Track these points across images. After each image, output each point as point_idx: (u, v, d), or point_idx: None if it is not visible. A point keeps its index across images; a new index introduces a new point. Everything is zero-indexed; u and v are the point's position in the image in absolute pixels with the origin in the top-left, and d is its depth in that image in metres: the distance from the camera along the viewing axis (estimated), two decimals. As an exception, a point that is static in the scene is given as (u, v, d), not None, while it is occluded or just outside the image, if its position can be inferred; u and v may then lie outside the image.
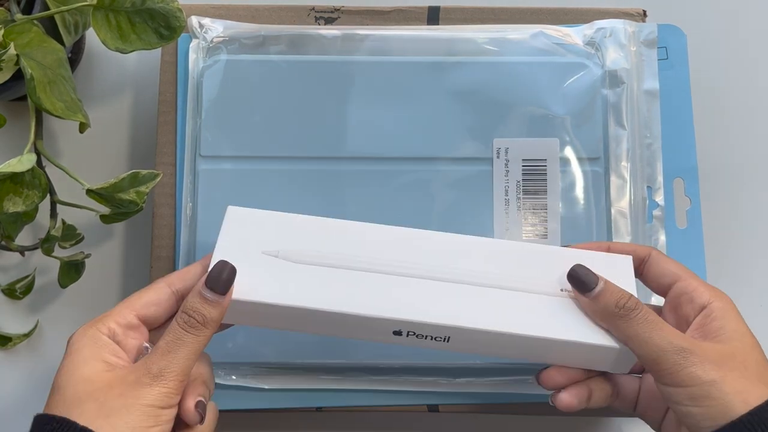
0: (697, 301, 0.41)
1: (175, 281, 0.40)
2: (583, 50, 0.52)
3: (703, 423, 0.37)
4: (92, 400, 0.35)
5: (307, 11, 0.54)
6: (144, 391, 0.36)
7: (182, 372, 0.37)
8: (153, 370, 0.36)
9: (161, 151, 0.52)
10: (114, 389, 0.36)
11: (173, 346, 0.37)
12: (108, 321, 0.38)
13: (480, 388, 0.50)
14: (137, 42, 0.45)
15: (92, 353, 0.37)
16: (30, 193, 0.44)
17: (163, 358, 0.36)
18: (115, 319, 0.38)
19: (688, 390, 0.38)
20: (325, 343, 0.49)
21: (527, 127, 0.51)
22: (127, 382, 0.36)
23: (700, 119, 0.55)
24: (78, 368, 0.36)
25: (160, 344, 0.37)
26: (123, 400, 0.35)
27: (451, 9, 0.54)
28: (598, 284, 0.40)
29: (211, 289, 0.38)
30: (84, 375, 0.36)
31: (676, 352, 0.38)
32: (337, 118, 0.51)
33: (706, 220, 0.53)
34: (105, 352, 0.37)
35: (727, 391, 0.37)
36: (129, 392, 0.36)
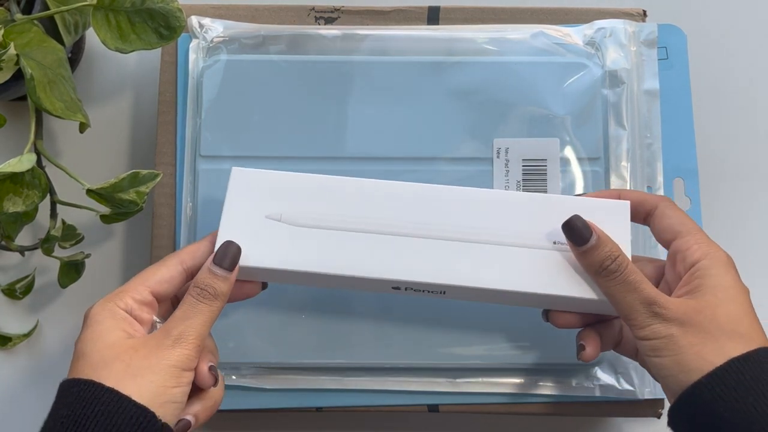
0: (687, 260, 0.42)
1: (186, 258, 0.42)
2: (583, 50, 0.52)
3: (663, 373, 0.40)
4: (119, 362, 0.38)
5: (307, 11, 0.54)
6: (167, 352, 0.38)
7: (199, 336, 0.39)
8: (173, 333, 0.39)
9: (161, 151, 0.52)
10: (139, 351, 0.38)
11: (190, 314, 0.40)
12: (125, 297, 0.41)
13: (480, 388, 0.50)
14: (137, 42, 0.45)
15: (113, 324, 0.39)
16: (30, 193, 0.44)
17: (181, 323, 0.39)
18: (131, 295, 0.41)
19: (651, 343, 0.40)
20: (325, 343, 0.49)
21: (527, 127, 0.51)
22: (150, 346, 0.39)
23: (700, 119, 0.55)
24: (102, 336, 0.39)
25: (176, 313, 0.40)
26: (148, 361, 0.38)
27: (451, 9, 0.54)
28: (591, 239, 0.42)
29: (219, 266, 0.41)
30: (108, 341, 0.39)
31: (645, 310, 0.40)
32: (337, 118, 0.51)
33: (706, 220, 0.53)
34: (124, 324, 0.40)
35: (682, 344, 0.39)
36: (153, 354, 0.38)
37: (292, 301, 0.50)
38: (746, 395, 0.37)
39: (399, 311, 0.49)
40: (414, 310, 0.49)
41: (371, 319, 0.49)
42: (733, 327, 0.39)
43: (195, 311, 0.40)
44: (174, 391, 0.38)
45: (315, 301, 0.50)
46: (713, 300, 0.40)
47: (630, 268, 0.41)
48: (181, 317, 0.40)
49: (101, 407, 0.36)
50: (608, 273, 0.41)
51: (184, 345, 0.39)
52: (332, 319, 0.49)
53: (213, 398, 0.42)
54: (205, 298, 0.40)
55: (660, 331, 0.40)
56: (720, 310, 0.40)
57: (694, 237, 0.42)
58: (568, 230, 0.42)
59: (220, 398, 0.43)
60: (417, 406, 0.50)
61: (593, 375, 0.50)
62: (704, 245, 0.42)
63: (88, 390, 0.36)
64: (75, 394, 0.37)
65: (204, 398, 0.41)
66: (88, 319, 0.40)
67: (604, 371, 0.50)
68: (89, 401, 0.36)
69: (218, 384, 0.42)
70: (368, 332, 0.49)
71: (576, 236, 0.42)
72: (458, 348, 0.49)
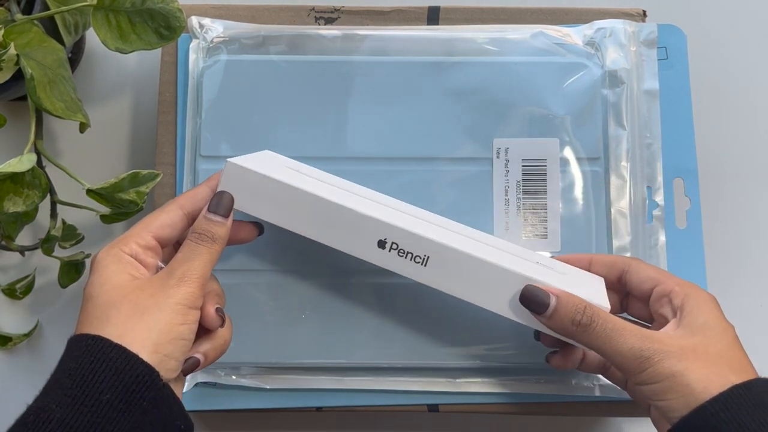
0: (674, 302, 0.42)
1: (185, 203, 0.43)
2: (583, 50, 0.52)
3: (672, 414, 0.39)
4: (126, 301, 0.39)
5: (307, 11, 0.54)
6: (172, 290, 0.39)
7: (202, 275, 0.41)
8: (177, 273, 0.40)
9: (161, 151, 0.52)
10: (145, 291, 0.39)
11: (191, 255, 0.41)
12: (129, 242, 0.41)
13: (480, 388, 0.50)
14: (137, 42, 0.45)
15: (119, 268, 0.40)
16: (30, 193, 0.45)
17: (183, 264, 0.41)
18: (136, 240, 0.42)
19: (654, 387, 0.40)
20: (325, 343, 0.49)
21: (527, 127, 0.51)
22: (156, 285, 0.40)
23: (700, 119, 0.55)
24: (109, 279, 0.40)
25: (178, 256, 0.41)
26: (154, 300, 0.39)
27: (451, 9, 0.54)
28: (551, 301, 0.41)
29: (215, 212, 0.42)
30: (114, 283, 0.40)
31: (637, 356, 0.40)
32: (337, 118, 0.51)
33: (705, 220, 0.53)
34: (129, 267, 0.41)
35: (688, 382, 0.39)
36: (159, 292, 0.39)
37: (292, 301, 0.50)
38: (750, 421, 0.37)
39: (399, 311, 0.50)
40: (414, 310, 0.50)
41: (371, 319, 0.49)
42: (726, 362, 0.40)
43: (195, 253, 0.41)
44: (181, 329, 0.39)
45: (315, 301, 0.50)
46: (703, 339, 0.40)
47: (604, 315, 0.41)
48: (182, 259, 0.41)
49: (109, 363, 0.36)
50: (583, 328, 0.41)
51: (188, 283, 0.40)
52: (332, 319, 0.49)
53: (222, 338, 0.43)
54: (204, 242, 0.41)
55: (660, 372, 0.39)
56: (712, 348, 0.40)
57: (673, 280, 0.43)
58: (526, 302, 0.42)
59: (229, 339, 0.43)
60: (417, 406, 0.50)
61: (593, 375, 0.50)
62: (686, 286, 0.43)
63: (96, 345, 0.37)
64: (83, 348, 0.37)
65: (213, 338, 0.42)
66: (95, 264, 0.41)
67: (604, 371, 0.50)
68: (97, 356, 0.36)
69: (225, 325, 0.43)
70: (368, 332, 0.49)
71: (535, 305, 0.42)
72: (458, 348, 0.49)
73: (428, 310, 0.49)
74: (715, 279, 0.54)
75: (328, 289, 0.50)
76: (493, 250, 0.45)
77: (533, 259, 0.47)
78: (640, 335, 0.40)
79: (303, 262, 0.50)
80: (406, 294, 0.50)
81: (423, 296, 0.49)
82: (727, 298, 0.56)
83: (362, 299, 0.50)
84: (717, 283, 0.54)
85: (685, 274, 0.46)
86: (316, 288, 0.50)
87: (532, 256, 0.47)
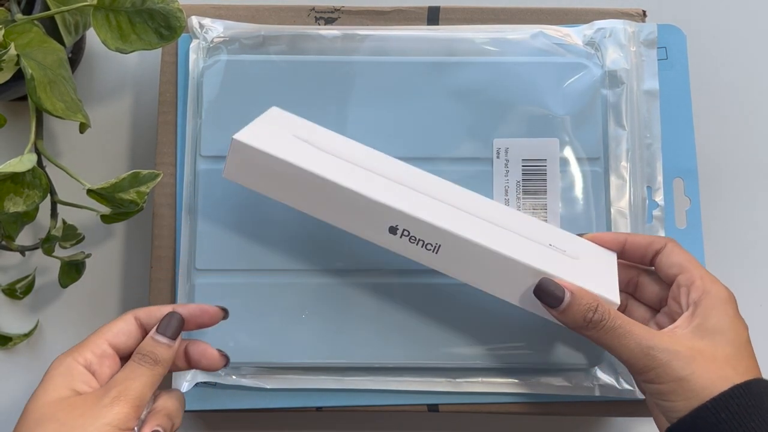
0: (691, 295, 0.43)
1: (141, 315, 0.43)
2: (583, 50, 0.52)
3: (673, 414, 0.40)
4: (54, 421, 0.38)
5: (307, 11, 0.54)
6: (104, 410, 0.39)
7: (138, 398, 0.40)
8: (112, 392, 0.39)
9: (161, 151, 0.52)
10: (76, 410, 0.39)
11: (131, 375, 0.41)
12: (84, 351, 0.41)
13: (480, 388, 0.50)
14: (137, 42, 0.45)
15: (64, 381, 0.40)
16: (30, 193, 0.45)
17: (121, 383, 0.40)
18: (91, 349, 0.42)
19: (659, 387, 0.40)
20: (325, 343, 0.49)
21: (527, 127, 0.51)
22: (88, 404, 0.39)
23: (700, 119, 0.56)
24: (47, 393, 0.40)
25: (118, 375, 0.41)
26: (83, 420, 0.38)
27: (451, 9, 0.54)
28: (565, 297, 0.42)
29: (162, 334, 0.42)
30: (50, 399, 0.39)
31: (645, 354, 0.41)
32: (337, 118, 0.51)
33: (705, 220, 0.53)
34: (77, 380, 0.40)
35: (693, 387, 0.39)
36: (89, 412, 0.39)
37: (292, 301, 0.50)
38: (749, 420, 0.38)
39: (399, 311, 0.50)
40: (414, 310, 0.50)
41: (371, 319, 0.49)
42: (733, 366, 0.40)
43: (136, 374, 0.41)
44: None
45: (315, 301, 0.50)
46: (712, 342, 0.41)
47: (614, 314, 0.42)
48: (122, 378, 0.40)
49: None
50: (594, 324, 0.42)
51: (122, 404, 0.39)
52: (332, 319, 0.49)
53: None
54: (147, 363, 0.41)
55: (667, 374, 0.40)
56: (720, 351, 0.41)
57: (698, 272, 0.44)
58: (540, 294, 0.43)
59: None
60: (417, 406, 0.50)
61: (593, 375, 0.50)
62: (707, 281, 0.43)
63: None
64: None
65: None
66: (45, 374, 0.41)
67: (604, 371, 0.50)
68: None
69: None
70: (368, 332, 0.49)
71: (549, 298, 0.43)
72: (458, 348, 0.49)
73: (428, 310, 0.49)
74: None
75: (328, 289, 0.50)
76: (507, 234, 0.45)
77: (547, 239, 0.46)
78: (649, 335, 0.41)
79: (303, 262, 0.50)
80: (406, 294, 0.50)
81: (423, 296, 0.49)
82: (727, 298, 0.56)
83: (362, 299, 0.50)
84: (717, 283, 0.54)
85: (685, 274, 0.47)
86: (316, 288, 0.50)
87: (547, 235, 0.47)
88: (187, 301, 0.50)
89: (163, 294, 0.51)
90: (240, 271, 0.50)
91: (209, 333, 0.48)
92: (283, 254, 0.50)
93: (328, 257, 0.50)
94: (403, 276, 0.50)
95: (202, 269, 0.50)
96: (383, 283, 0.50)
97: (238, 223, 0.50)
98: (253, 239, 0.50)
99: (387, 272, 0.50)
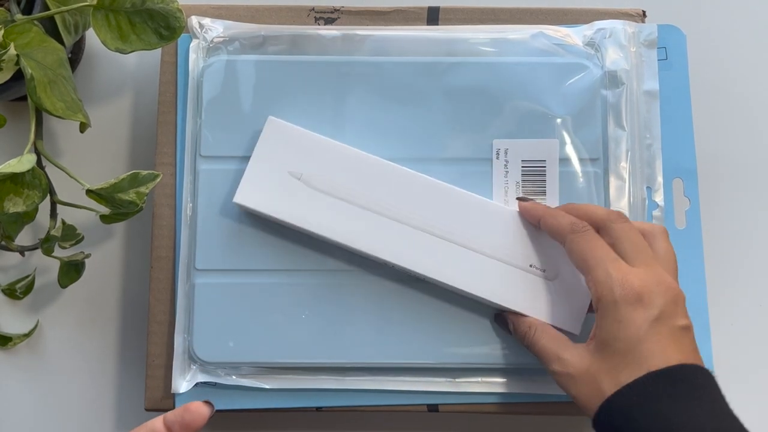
0: (594, 303, 0.44)
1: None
2: (583, 51, 0.52)
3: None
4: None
5: (307, 11, 0.54)
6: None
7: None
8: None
9: (161, 151, 0.52)
10: None
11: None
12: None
13: (480, 388, 0.50)
14: (137, 42, 0.45)
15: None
16: (30, 193, 0.45)
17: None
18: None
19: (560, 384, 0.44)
20: (325, 343, 0.49)
21: (527, 127, 0.51)
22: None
23: (700, 119, 0.55)
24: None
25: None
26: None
27: (451, 9, 0.54)
28: (510, 327, 0.48)
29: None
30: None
31: (550, 372, 0.45)
32: (337, 118, 0.51)
33: (705, 220, 0.53)
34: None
35: (581, 407, 0.43)
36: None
37: (292, 301, 0.50)
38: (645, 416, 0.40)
39: (399, 311, 0.50)
40: (414, 309, 0.50)
41: (371, 319, 0.49)
42: (612, 376, 0.41)
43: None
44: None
45: (315, 301, 0.50)
46: (601, 357, 0.42)
47: (533, 340, 0.46)
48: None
49: None
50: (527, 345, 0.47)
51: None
52: (332, 319, 0.49)
53: None
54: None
55: (558, 383, 0.44)
56: (604, 366, 0.42)
57: (592, 275, 0.43)
58: (498, 323, 0.49)
59: None
60: (417, 406, 0.50)
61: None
62: (600, 285, 0.43)
63: None
64: None
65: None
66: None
67: (603, 371, 0.50)
68: None
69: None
70: (368, 332, 0.49)
71: (504, 327, 0.49)
72: (458, 348, 0.49)
73: (428, 309, 0.49)
74: (715, 279, 0.54)
75: (328, 289, 0.50)
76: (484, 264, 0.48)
77: (528, 258, 0.48)
78: (554, 360, 0.44)
79: (303, 262, 0.50)
80: (406, 294, 0.50)
81: (423, 296, 0.50)
82: (726, 298, 0.56)
83: (362, 299, 0.50)
84: (716, 283, 0.54)
85: (684, 274, 0.47)
86: (316, 288, 0.50)
87: (531, 251, 0.48)
88: (187, 300, 0.50)
89: (163, 294, 0.51)
90: (240, 271, 0.50)
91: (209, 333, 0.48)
92: (283, 254, 0.50)
93: (328, 257, 0.50)
94: (403, 276, 0.50)
95: (202, 269, 0.50)
96: (383, 283, 0.50)
97: (238, 223, 0.50)
98: (253, 239, 0.50)
99: (387, 272, 0.50)
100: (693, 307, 0.43)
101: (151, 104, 0.56)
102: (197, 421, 0.40)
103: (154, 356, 0.50)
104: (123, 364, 0.55)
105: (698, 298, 0.51)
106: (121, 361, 0.55)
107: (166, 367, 0.50)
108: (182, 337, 0.50)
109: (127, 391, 0.55)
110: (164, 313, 0.51)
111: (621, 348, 0.41)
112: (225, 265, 0.50)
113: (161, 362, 0.50)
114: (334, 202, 0.48)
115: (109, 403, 0.55)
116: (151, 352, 0.51)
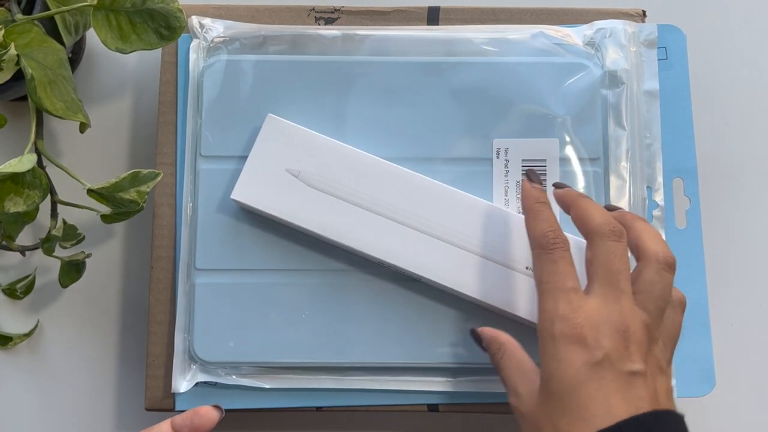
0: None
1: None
2: (583, 51, 0.52)
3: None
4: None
5: (307, 11, 0.54)
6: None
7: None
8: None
9: (161, 151, 0.52)
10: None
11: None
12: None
13: (480, 388, 0.50)
14: (137, 42, 0.45)
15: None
16: (31, 193, 0.45)
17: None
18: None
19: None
20: (325, 343, 0.49)
21: (527, 127, 0.51)
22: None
23: (700, 119, 0.56)
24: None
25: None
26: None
27: (451, 9, 0.54)
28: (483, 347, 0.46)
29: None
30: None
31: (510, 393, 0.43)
32: (337, 118, 0.51)
33: (705, 220, 0.53)
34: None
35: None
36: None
37: (293, 300, 0.50)
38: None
39: (399, 311, 0.50)
40: (414, 309, 0.50)
41: (371, 319, 0.49)
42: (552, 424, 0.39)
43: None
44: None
45: (315, 301, 0.50)
46: (539, 402, 0.40)
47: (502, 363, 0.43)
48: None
49: None
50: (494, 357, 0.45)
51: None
52: (332, 319, 0.49)
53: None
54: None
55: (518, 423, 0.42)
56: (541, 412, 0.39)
57: (539, 302, 0.41)
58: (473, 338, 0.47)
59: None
60: (417, 405, 0.50)
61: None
62: (540, 316, 0.40)
63: None
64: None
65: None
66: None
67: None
68: None
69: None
70: (368, 332, 0.49)
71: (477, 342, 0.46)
72: (458, 348, 0.49)
73: (428, 309, 0.50)
74: (715, 279, 0.54)
75: (328, 288, 0.50)
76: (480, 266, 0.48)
77: (525, 260, 0.48)
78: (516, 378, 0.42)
79: (303, 262, 0.50)
80: (406, 293, 0.50)
81: (423, 296, 0.50)
82: (727, 298, 0.56)
83: (363, 299, 0.50)
84: (717, 283, 0.54)
85: (684, 275, 0.47)
86: (317, 288, 0.50)
87: (525, 258, 0.48)
88: (188, 300, 0.50)
89: (163, 294, 0.51)
90: (240, 271, 0.50)
91: (209, 332, 0.48)
92: (283, 254, 0.50)
93: (327, 257, 0.50)
94: (403, 276, 0.50)
95: (202, 269, 0.50)
96: (384, 283, 0.50)
97: (238, 223, 0.50)
98: (253, 239, 0.50)
99: (387, 272, 0.50)
100: (693, 307, 0.43)
101: (152, 104, 0.56)
102: (206, 426, 0.41)
103: (154, 356, 0.50)
104: (123, 364, 0.55)
105: (698, 298, 0.51)
106: (121, 361, 0.55)
107: (166, 367, 0.50)
108: (182, 337, 0.50)
109: (127, 390, 0.55)
110: (164, 312, 0.51)
111: (557, 390, 0.38)
112: (225, 264, 0.50)
113: (161, 362, 0.50)
114: (331, 201, 0.49)
115: (109, 403, 0.55)
116: (151, 352, 0.51)
